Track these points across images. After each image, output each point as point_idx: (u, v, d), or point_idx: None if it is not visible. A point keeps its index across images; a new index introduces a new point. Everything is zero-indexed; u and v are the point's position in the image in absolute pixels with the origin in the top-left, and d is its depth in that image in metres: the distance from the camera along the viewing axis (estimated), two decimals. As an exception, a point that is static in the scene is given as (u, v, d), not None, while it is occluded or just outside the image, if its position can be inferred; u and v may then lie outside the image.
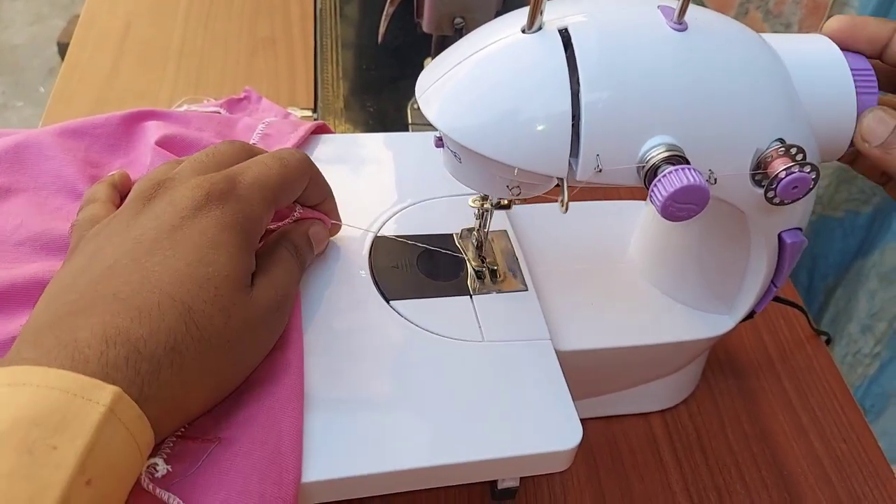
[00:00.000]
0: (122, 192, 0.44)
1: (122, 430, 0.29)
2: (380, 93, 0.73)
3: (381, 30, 0.66)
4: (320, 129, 0.54)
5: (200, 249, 0.34)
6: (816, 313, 0.97)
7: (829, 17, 0.80)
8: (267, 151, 0.41)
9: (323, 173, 0.43)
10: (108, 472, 0.28)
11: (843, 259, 0.93)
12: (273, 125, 0.53)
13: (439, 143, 0.40)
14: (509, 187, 0.39)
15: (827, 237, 0.94)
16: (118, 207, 0.40)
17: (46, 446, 0.27)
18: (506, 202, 0.44)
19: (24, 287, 0.40)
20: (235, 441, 0.35)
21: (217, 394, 0.35)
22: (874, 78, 0.39)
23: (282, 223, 0.42)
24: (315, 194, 0.43)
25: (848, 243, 0.92)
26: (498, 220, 0.49)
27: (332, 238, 0.46)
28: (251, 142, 0.52)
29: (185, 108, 0.63)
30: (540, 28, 0.35)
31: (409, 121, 0.70)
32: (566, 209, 0.37)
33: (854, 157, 0.43)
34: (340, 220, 0.45)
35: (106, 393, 0.29)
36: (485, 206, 0.44)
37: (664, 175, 0.34)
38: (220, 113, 0.64)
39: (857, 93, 0.39)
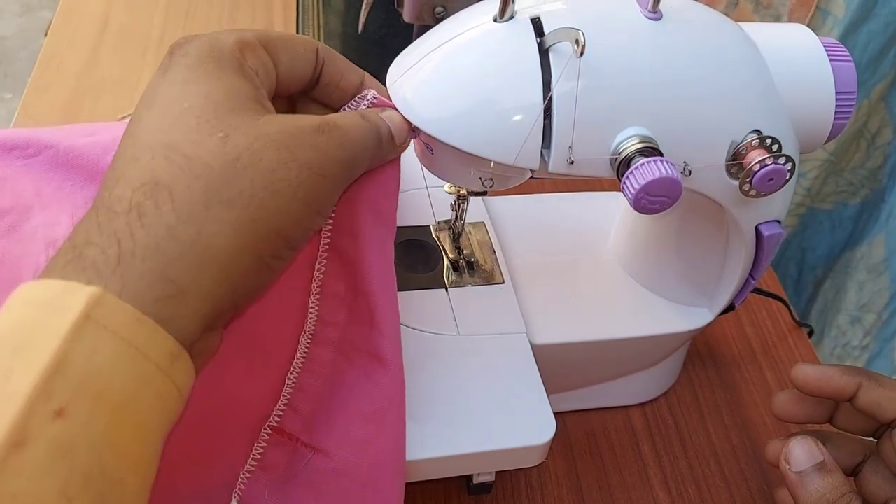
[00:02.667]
0: None
1: (107, 340, 0.23)
2: (362, 83, 0.72)
3: (361, 19, 0.66)
4: None
5: (169, 95, 0.29)
6: (805, 305, 0.97)
7: (813, 13, 0.80)
8: None
9: None
10: (96, 398, 0.22)
11: (831, 251, 0.93)
12: None
13: (411, 133, 0.39)
14: (482, 179, 0.38)
15: (815, 229, 0.94)
16: None
17: (0, 374, 0.21)
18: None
19: None
20: (332, 455, 0.33)
21: (254, 252, 0.28)
22: (853, 69, 0.39)
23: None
24: (337, 74, 0.37)
25: (836, 235, 0.92)
26: (476, 212, 0.49)
27: None
28: None
29: None
30: (512, 17, 0.35)
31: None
32: None
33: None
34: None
35: (79, 296, 0.23)
36: (461, 192, 0.44)
37: (637, 167, 0.33)
38: None
39: (835, 83, 0.38)
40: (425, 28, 0.64)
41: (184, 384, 0.25)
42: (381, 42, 0.75)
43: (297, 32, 0.76)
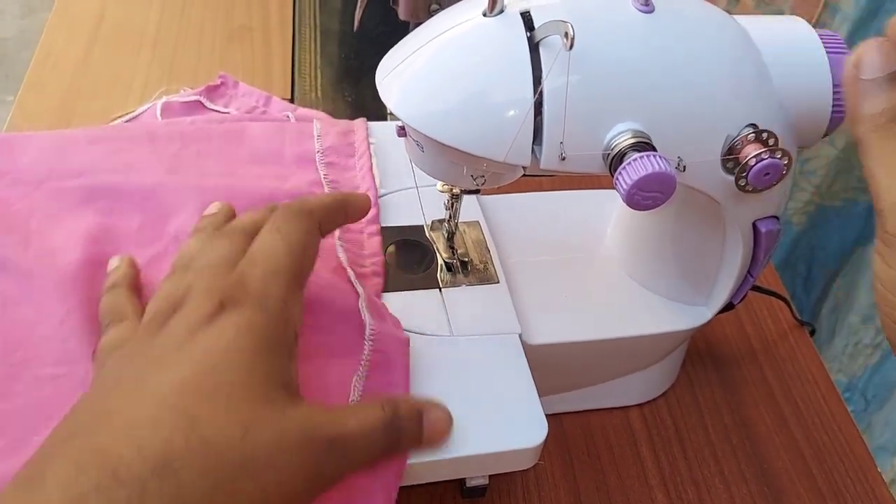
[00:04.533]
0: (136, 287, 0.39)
1: None
2: (358, 81, 0.72)
3: (357, 17, 0.65)
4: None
5: (212, 357, 0.30)
6: (815, 303, 0.96)
7: (821, 9, 0.79)
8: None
9: None
10: None
11: (841, 248, 0.92)
12: (329, 146, 0.49)
13: (402, 132, 0.39)
14: (473, 177, 0.37)
15: (825, 227, 0.93)
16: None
17: None
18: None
19: None
20: None
21: None
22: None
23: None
24: (344, 220, 0.39)
25: (846, 233, 0.91)
26: (470, 211, 0.48)
27: None
28: (321, 175, 0.48)
29: (163, 99, 0.62)
30: (501, 11, 0.34)
31: (388, 110, 0.69)
32: None
33: None
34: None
35: None
36: (454, 191, 0.43)
37: (629, 162, 0.32)
38: (200, 102, 0.62)
39: (832, 76, 0.38)
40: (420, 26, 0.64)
41: None
42: (376, 40, 0.74)
43: (294, 31, 0.76)
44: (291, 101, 0.68)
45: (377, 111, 0.69)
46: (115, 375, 0.31)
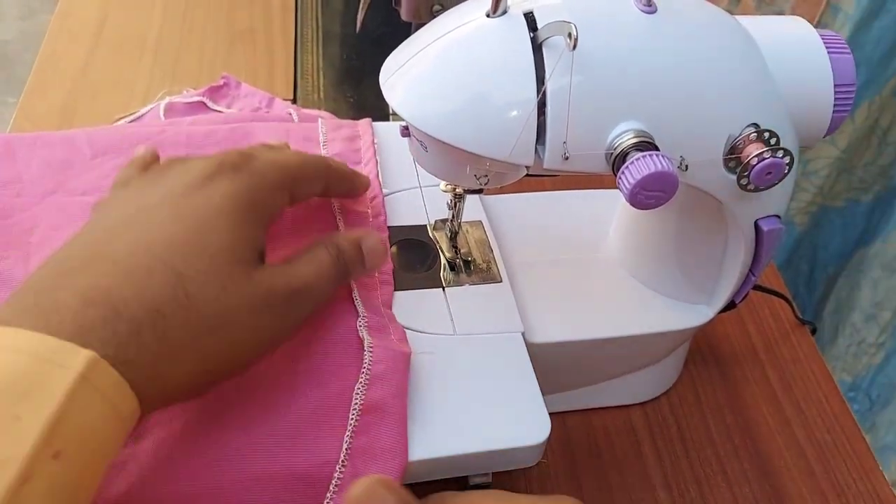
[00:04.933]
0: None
1: (97, 399, 0.27)
2: (360, 83, 0.72)
3: (359, 18, 0.65)
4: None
5: (201, 216, 0.33)
6: (817, 303, 0.96)
7: (823, 9, 0.80)
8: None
9: None
10: (82, 444, 0.27)
11: (843, 248, 0.93)
12: (336, 154, 0.49)
13: (405, 132, 0.39)
14: (477, 176, 0.38)
15: (827, 227, 0.93)
16: None
17: (9, 416, 0.25)
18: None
19: None
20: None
21: (206, 374, 0.32)
22: (852, 62, 0.38)
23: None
24: (343, 191, 0.43)
25: (848, 233, 0.92)
26: (473, 210, 0.48)
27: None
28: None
29: (166, 99, 0.62)
30: (505, 12, 0.35)
31: (390, 111, 0.69)
32: None
33: None
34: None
35: (80, 358, 0.27)
36: (457, 190, 0.43)
37: (632, 162, 0.33)
38: (203, 103, 0.63)
39: (834, 76, 0.38)
40: (423, 27, 0.64)
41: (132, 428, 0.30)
42: (379, 41, 0.75)
43: (296, 33, 0.76)
44: (294, 102, 0.69)
45: (379, 111, 0.69)
46: (112, 216, 0.34)
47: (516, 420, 0.37)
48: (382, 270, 0.43)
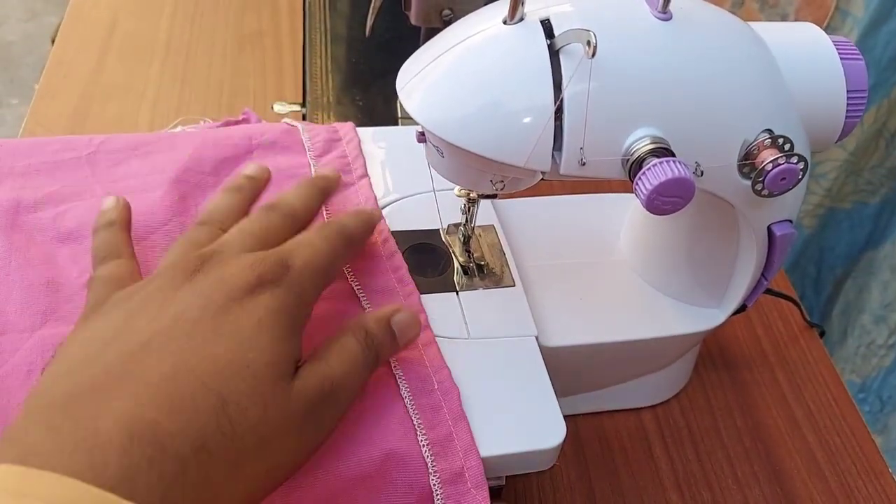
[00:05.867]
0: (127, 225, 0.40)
1: None
2: (369, 86, 0.72)
3: (369, 23, 0.66)
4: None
5: (243, 335, 0.31)
6: (825, 305, 0.96)
7: (832, 13, 0.80)
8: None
9: None
10: None
11: (851, 250, 0.93)
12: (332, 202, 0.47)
13: (421, 137, 0.39)
14: (493, 182, 0.38)
15: (834, 229, 0.94)
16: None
17: None
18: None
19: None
20: None
21: (247, 499, 0.31)
22: (864, 68, 0.39)
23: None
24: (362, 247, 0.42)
25: (855, 235, 0.92)
26: (485, 215, 0.49)
27: None
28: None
29: (179, 129, 0.61)
30: (521, 19, 0.35)
31: (399, 115, 0.69)
32: None
33: None
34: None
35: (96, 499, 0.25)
36: (471, 195, 0.44)
37: (649, 168, 0.33)
38: None
39: (846, 81, 0.38)
40: (432, 31, 0.64)
41: None
42: (387, 45, 0.75)
43: (304, 36, 0.77)
44: (303, 105, 0.69)
45: (387, 115, 0.70)
46: (143, 326, 0.31)
47: (531, 424, 0.38)
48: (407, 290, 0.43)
